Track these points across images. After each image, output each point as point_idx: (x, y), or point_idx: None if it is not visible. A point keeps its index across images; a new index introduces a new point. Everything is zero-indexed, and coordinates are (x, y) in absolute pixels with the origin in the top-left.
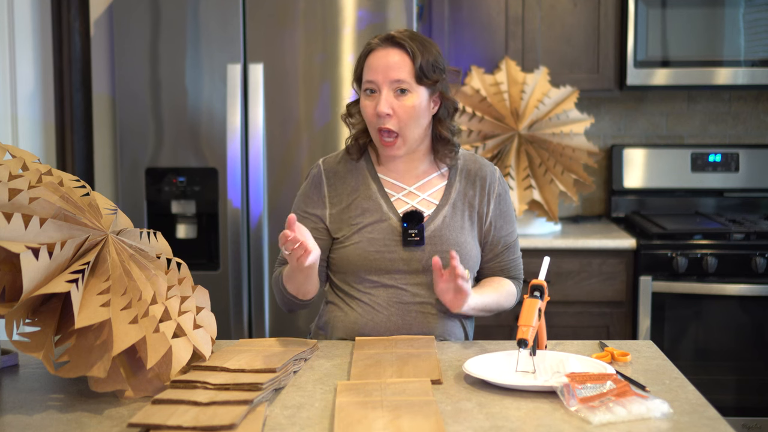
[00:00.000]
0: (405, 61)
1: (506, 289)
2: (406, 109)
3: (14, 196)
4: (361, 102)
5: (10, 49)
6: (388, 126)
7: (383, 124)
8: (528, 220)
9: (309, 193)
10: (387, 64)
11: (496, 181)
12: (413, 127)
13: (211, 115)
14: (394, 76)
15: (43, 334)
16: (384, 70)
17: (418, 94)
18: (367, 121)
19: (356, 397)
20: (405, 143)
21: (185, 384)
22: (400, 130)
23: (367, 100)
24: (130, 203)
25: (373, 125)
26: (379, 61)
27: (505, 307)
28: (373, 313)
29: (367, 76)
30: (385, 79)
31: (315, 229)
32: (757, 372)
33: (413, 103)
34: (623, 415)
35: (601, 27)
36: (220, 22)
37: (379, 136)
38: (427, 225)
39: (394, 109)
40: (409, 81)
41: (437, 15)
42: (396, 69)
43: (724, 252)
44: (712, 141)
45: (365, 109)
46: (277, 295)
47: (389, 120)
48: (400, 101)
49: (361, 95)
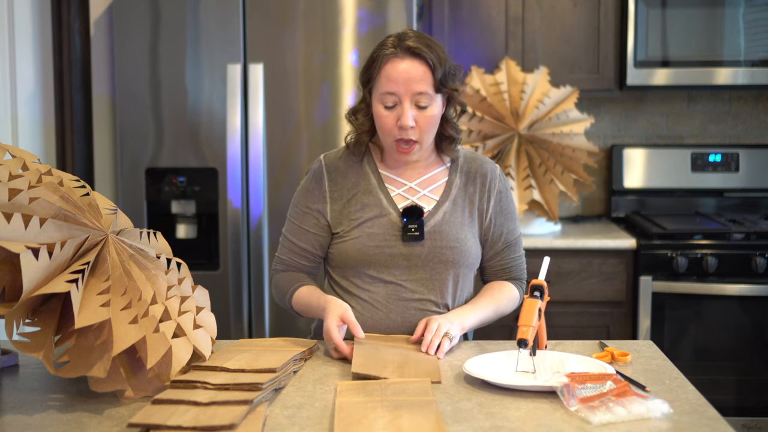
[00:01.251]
0: (426, 73)
1: (506, 295)
2: (427, 119)
3: (14, 196)
4: (378, 110)
5: (10, 49)
6: (410, 137)
7: (405, 135)
8: (528, 220)
9: (310, 188)
10: (409, 77)
11: (497, 178)
12: (431, 134)
13: (211, 115)
14: (417, 89)
15: (43, 334)
16: (406, 83)
17: (437, 103)
18: (384, 130)
19: (356, 397)
20: (422, 148)
21: (185, 384)
22: (419, 139)
23: (385, 111)
24: (130, 203)
25: (391, 135)
26: (400, 73)
27: (506, 314)
28: (372, 310)
29: (387, 88)
30: (407, 92)
31: (316, 225)
32: (757, 372)
33: (433, 113)
34: (623, 415)
35: (601, 27)
36: (220, 22)
37: (396, 145)
38: (427, 221)
39: (416, 121)
40: (431, 93)
41: (437, 15)
42: (418, 82)
43: (724, 252)
44: (712, 141)
45: (383, 120)
46: (276, 297)
47: (412, 132)
48: (421, 113)
49: (375, 103)
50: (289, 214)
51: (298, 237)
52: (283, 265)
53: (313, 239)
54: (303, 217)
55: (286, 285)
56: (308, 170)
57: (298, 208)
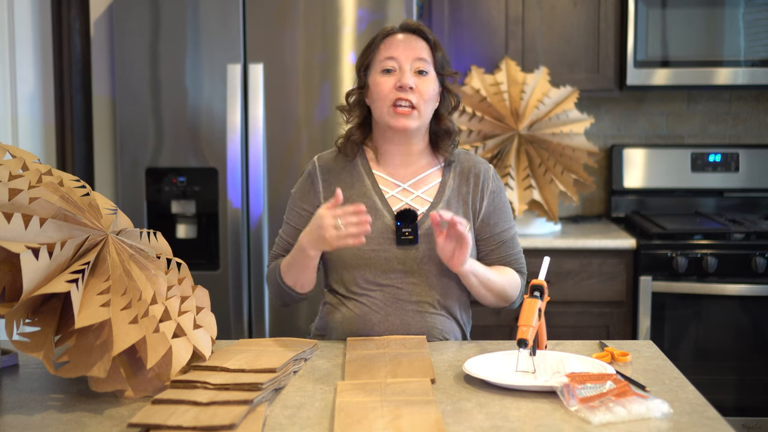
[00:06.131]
0: (426, 47)
1: (510, 275)
2: (426, 87)
3: (14, 196)
4: (375, 80)
5: (10, 49)
6: (408, 98)
7: (404, 95)
8: (528, 220)
9: (304, 190)
10: (409, 45)
11: (490, 178)
12: (428, 108)
13: (211, 115)
14: (418, 54)
15: (43, 334)
16: (406, 49)
17: (434, 80)
18: (382, 95)
19: (356, 397)
20: (420, 117)
21: (185, 384)
22: (417, 105)
23: (384, 76)
24: (130, 203)
25: (388, 100)
26: (400, 42)
27: (509, 293)
28: (370, 314)
29: (387, 53)
30: (408, 56)
31: None
32: (757, 372)
33: (431, 86)
34: (623, 415)
35: (601, 27)
36: (220, 22)
37: (394, 107)
38: (422, 223)
39: (416, 85)
40: (430, 62)
41: (437, 15)
42: (418, 50)
43: (724, 252)
44: (712, 141)
45: (381, 85)
46: (271, 290)
47: (410, 93)
48: (420, 79)
49: (373, 74)
50: (285, 215)
51: (293, 238)
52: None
53: None
54: (298, 218)
55: (273, 268)
56: (303, 171)
57: (293, 209)
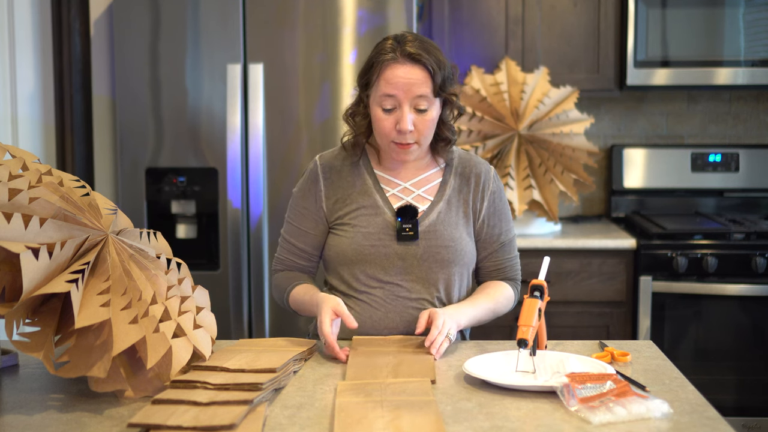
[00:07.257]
0: (426, 78)
1: (503, 294)
2: (425, 123)
3: (14, 196)
4: (376, 113)
5: (10, 49)
6: (408, 141)
7: (404, 140)
8: (528, 220)
9: (306, 189)
10: (408, 82)
11: (491, 179)
12: (429, 136)
13: (211, 115)
14: (417, 92)
15: (43, 334)
16: (405, 87)
17: (435, 107)
18: (382, 133)
19: (356, 397)
20: (420, 148)
21: (185, 384)
22: (417, 140)
23: (384, 114)
24: (130, 203)
25: (389, 138)
26: (400, 78)
27: (501, 313)
28: (371, 311)
29: (386, 90)
30: (407, 96)
31: (314, 225)
32: (757, 372)
33: (432, 116)
34: (623, 415)
35: (601, 27)
36: (220, 22)
37: (394, 143)
38: (422, 220)
39: (415, 125)
40: (430, 97)
41: (437, 15)
42: (418, 86)
43: (724, 252)
44: (712, 141)
45: (382, 123)
46: (276, 297)
47: (410, 136)
48: (420, 116)
49: (373, 106)
50: (287, 215)
51: (296, 238)
52: (282, 265)
53: (310, 239)
54: (300, 217)
55: (284, 284)
56: (305, 171)
57: (295, 209)
